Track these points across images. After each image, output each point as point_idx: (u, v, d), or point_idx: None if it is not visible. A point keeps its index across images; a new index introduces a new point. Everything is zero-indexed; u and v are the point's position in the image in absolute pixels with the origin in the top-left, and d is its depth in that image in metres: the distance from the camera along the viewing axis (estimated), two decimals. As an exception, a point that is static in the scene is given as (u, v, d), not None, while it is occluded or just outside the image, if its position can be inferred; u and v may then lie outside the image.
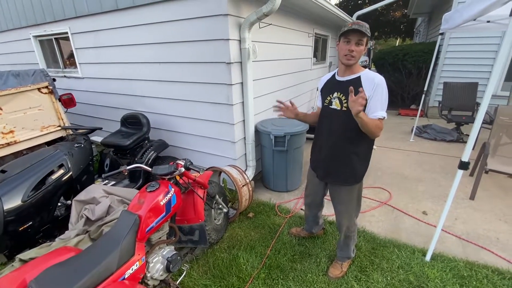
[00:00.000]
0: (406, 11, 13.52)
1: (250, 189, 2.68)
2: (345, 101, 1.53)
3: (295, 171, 3.14)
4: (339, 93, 1.58)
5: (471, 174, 3.33)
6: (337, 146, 1.64)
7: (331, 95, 1.62)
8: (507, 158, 3.02)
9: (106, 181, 2.78)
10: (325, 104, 1.67)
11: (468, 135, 1.68)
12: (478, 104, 4.90)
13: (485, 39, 5.31)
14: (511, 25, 1.50)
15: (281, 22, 3.50)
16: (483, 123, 1.73)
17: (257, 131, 3.07)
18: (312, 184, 1.97)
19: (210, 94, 2.77)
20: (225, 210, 2.38)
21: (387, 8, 18.18)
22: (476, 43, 5.42)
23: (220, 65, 2.58)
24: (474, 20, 2.88)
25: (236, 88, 2.68)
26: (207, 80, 2.72)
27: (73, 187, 2.36)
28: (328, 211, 2.60)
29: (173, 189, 1.70)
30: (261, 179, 3.41)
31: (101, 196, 2.22)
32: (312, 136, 1.89)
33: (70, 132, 2.91)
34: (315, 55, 5.38)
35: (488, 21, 3.24)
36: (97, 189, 2.25)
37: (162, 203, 1.61)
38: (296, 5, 3.65)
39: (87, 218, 2.09)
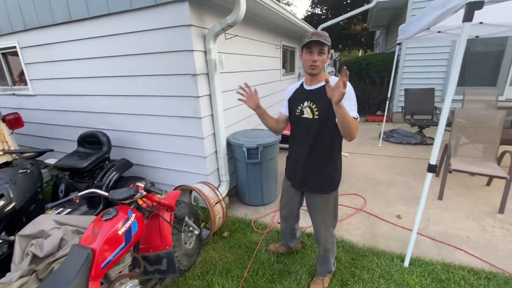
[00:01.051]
0: (365, 25, 14.49)
1: (224, 206, 2.53)
2: (316, 109, 1.54)
3: (270, 183, 3.05)
4: (309, 102, 1.57)
5: (437, 175, 3.47)
6: (313, 155, 1.62)
7: (301, 105, 1.61)
8: (467, 158, 3.19)
9: (61, 209, 2.46)
10: (296, 113, 1.65)
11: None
12: (436, 108, 5.24)
13: (437, 48, 5.78)
14: (464, 32, 1.57)
15: (248, 34, 3.49)
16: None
17: (229, 144, 2.95)
18: (287, 194, 1.90)
19: (177, 108, 2.62)
20: (196, 232, 2.19)
21: (348, 22, 19.43)
22: (430, 52, 5.87)
23: (185, 77, 2.45)
24: (428, 29, 3.07)
25: (203, 101, 2.56)
26: (173, 93, 2.58)
27: (17, 219, 2.04)
28: (305, 222, 2.53)
29: (134, 214, 1.52)
30: (236, 194, 3.27)
31: (52, 228, 1.93)
32: (285, 146, 1.83)
33: (16, 156, 2.57)
34: (284, 66, 5.45)
35: (439, 31, 3.50)
36: (46, 220, 1.96)
37: (120, 232, 1.42)
38: (261, 17, 3.67)
39: (34, 255, 1.79)
